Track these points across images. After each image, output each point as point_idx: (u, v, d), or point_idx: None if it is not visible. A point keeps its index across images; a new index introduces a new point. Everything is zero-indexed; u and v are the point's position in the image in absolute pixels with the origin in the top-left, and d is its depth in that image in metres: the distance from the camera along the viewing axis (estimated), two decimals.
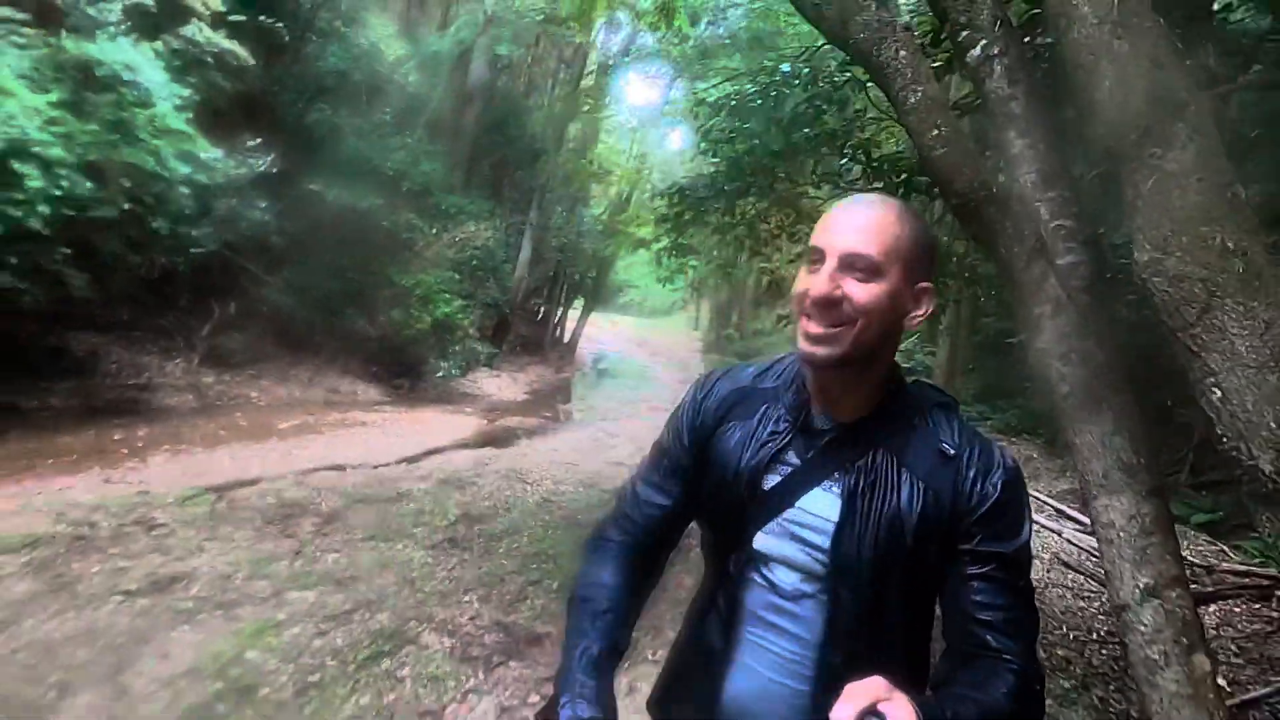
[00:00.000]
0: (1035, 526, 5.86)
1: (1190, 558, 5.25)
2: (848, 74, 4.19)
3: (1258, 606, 4.74)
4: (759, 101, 4.14)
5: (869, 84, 3.97)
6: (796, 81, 3.60)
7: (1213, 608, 4.74)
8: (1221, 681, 3.85)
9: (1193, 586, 4.38)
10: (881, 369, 1.10)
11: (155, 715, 2.80)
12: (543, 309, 20.26)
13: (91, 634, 3.29)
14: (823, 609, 1.08)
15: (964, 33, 2.72)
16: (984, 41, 2.68)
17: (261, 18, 10.32)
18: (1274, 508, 2.06)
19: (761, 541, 1.12)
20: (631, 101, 23.51)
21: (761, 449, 1.13)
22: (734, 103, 4.53)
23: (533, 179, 17.00)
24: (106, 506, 4.78)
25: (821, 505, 1.08)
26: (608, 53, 18.85)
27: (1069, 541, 6.03)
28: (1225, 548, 5.98)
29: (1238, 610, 4.70)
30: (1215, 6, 3.77)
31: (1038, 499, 7.12)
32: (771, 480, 1.12)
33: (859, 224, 1.02)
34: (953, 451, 1.05)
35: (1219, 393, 2.07)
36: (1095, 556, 5.38)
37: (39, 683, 2.88)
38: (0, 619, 3.28)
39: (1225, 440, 2.09)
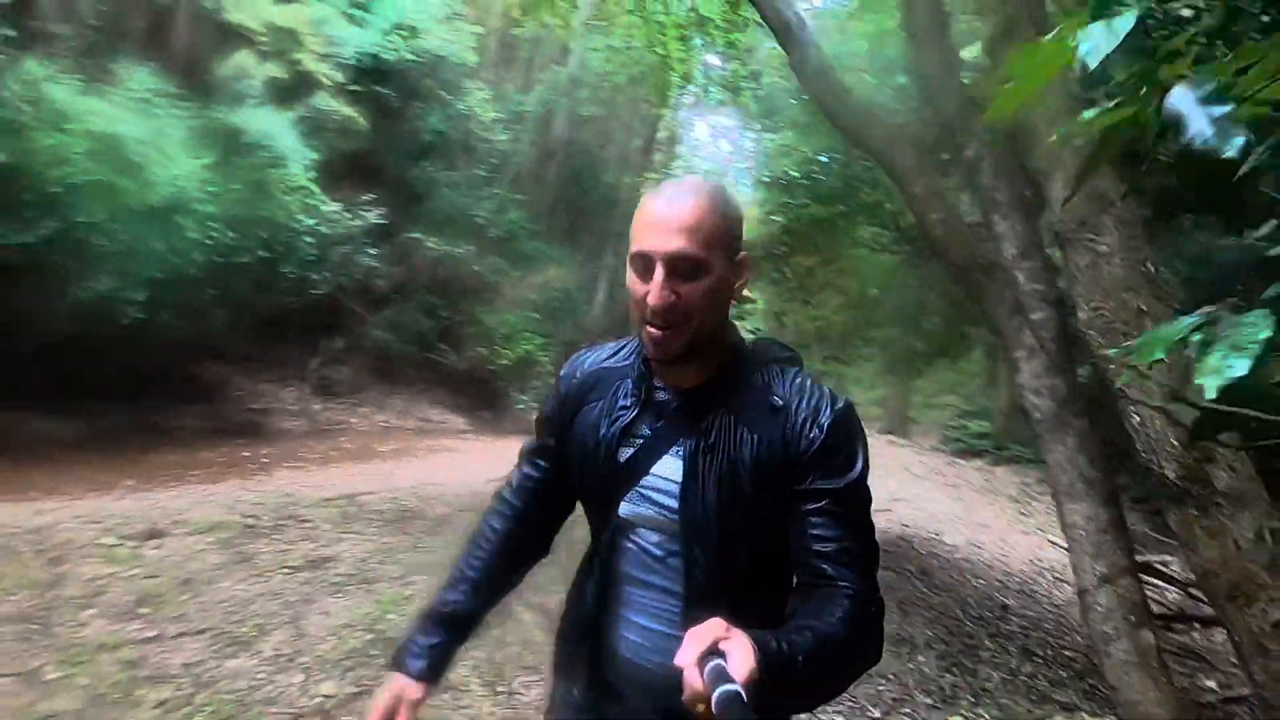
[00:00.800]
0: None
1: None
2: None
3: None
4: (805, 181, 4.95)
5: None
6: (834, 167, 4.38)
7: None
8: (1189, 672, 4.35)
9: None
10: (719, 339, 1.17)
11: (328, 652, 3.68)
12: None
13: (271, 595, 4.22)
14: (681, 563, 1.15)
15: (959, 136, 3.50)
16: (976, 144, 3.45)
17: (375, 86, 11.69)
18: (1180, 507, 2.73)
19: (625, 509, 1.20)
20: (704, 152, 24.47)
21: (614, 424, 1.21)
22: (784, 181, 5.37)
23: (609, 226, 18.09)
24: (264, 503, 5.79)
25: (670, 469, 1.16)
26: (680, 108, 19.97)
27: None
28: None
29: None
30: None
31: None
32: (626, 452, 1.20)
33: (679, 224, 1.05)
34: (781, 402, 1.12)
35: (1137, 418, 2.76)
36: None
37: (243, 623, 3.81)
38: (205, 579, 4.24)
39: (1143, 454, 2.77)
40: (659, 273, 1.05)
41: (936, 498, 8.93)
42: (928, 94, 4.02)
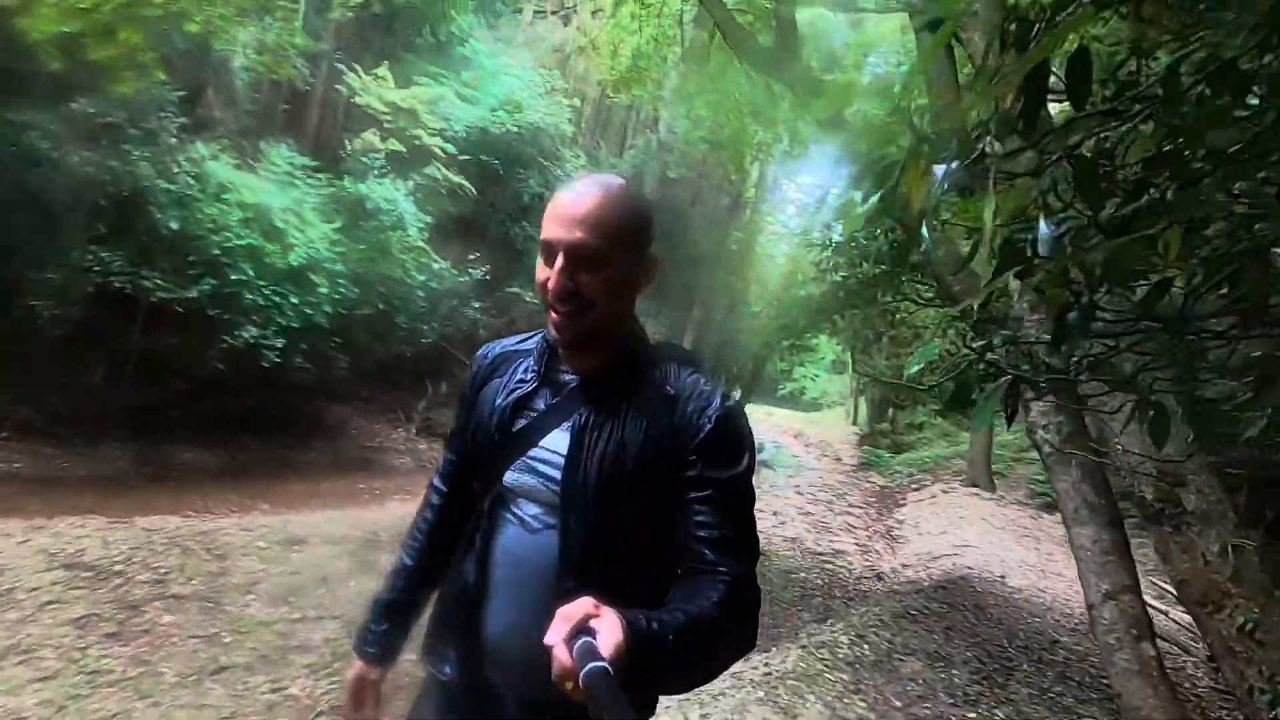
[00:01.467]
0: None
1: None
2: None
3: None
4: (857, 243, 5.50)
5: None
6: (880, 232, 4.92)
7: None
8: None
9: None
10: (620, 330, 1.21)
11: None
12: None
13: None
14: (557, 535, 1.17)
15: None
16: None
17: (482, 156, 12.91)
18: (1157, 525, 3.15)
19: (510, 478, 1.23)
20: (790, 209, 25.13)
21: (510, 395, 1.26)
22: (837, 243, 5.93)
23: (695, 280, 18.87)
24: (380, 524, 6.65)
25: (558, 442, 1.19)
26: (772, 162, 20.73)
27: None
28: None
29: None
30: None
31: None
32: (520, 423, 1.24)
33: (582, 216, 1.10)
34: (673, 392, 1.16)
35: (1120, 446, 3.21)
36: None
37: None
38: (338, 578, 5.06)
39: (1124, 477, 3.21)
40: (559, 261, 1.10)
41: (1010, 546, 9.06)
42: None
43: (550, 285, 1.12)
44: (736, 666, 4.64)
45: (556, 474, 1.17)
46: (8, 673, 3.24)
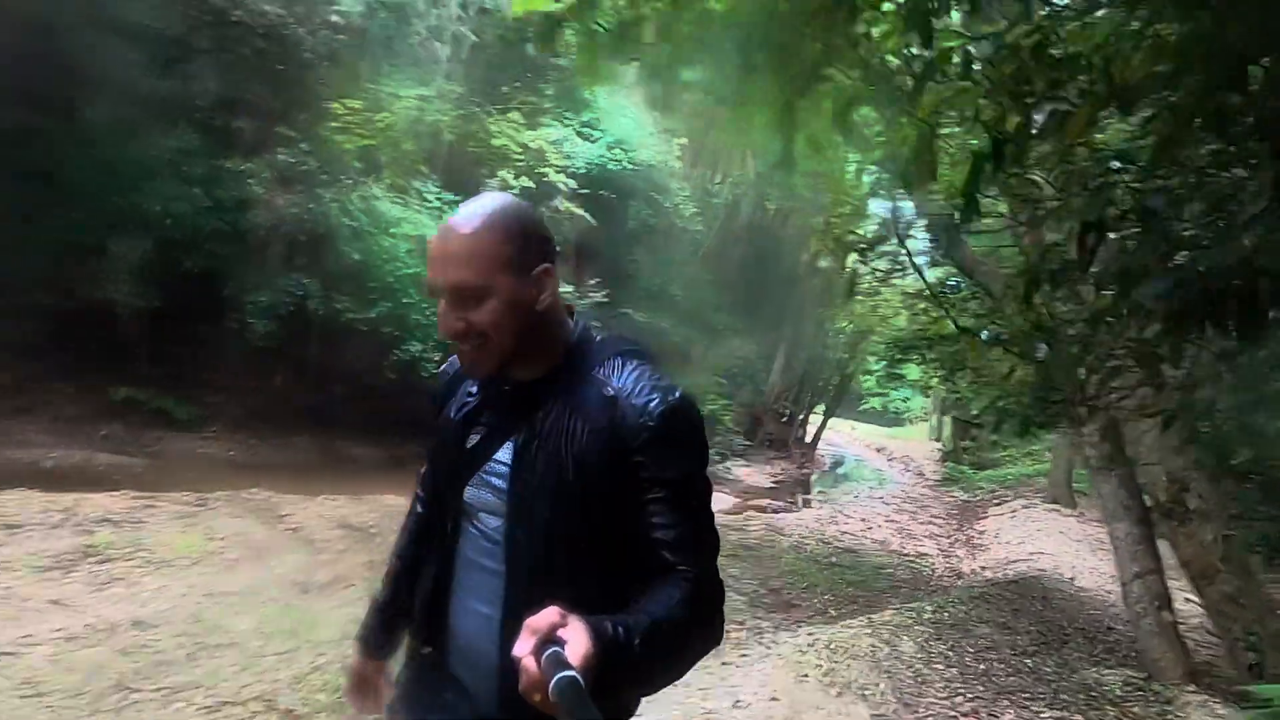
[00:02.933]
0: None
1: None
2: None
3: None
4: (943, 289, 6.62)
5: None
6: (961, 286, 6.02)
7: None
8: None
9: None
10: (543, 344, 1.19)
11: None
12: (789, 412, 22.80)
13: None
14: (505, 544, 1.17)
15: None
16: None
17: (599, 190, 14.42)
18: (1168, 520, 4.24)
19: (469, 494, 1.23)
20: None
21: (461, 411, 1.27)
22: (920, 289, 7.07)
23: (788, 300, 19.98)
24: None
25: (506, 453, 1.19)
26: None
27: None
28: None
29: None
30: None
31: None
32: (473, 439, 1.24)
33: (453, 255, 1.10)
34: (613, 393, 1.13)
35: (1142, 451, 4.31)
36: None
37: None
38: None
39: (1144, 486, 4.31)
40: (442, 304, 1.11)
41: (1084, 556, 9.88)
42: None
43: (439, 328, 1.14)
44: (847, 614, 5.85)
45: (503, 484, 1.18)
46: (337, 596, 4.72)
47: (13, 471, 6.95)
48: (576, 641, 0.80)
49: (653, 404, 1.10)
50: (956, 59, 2.24)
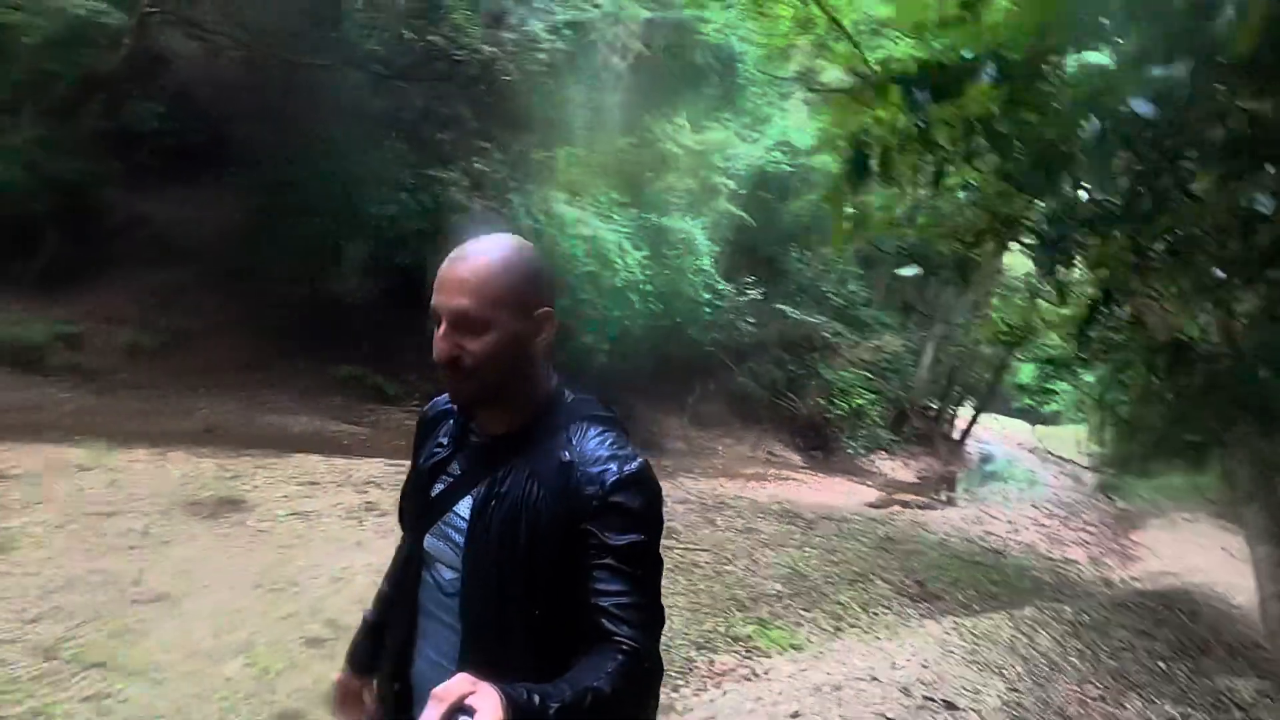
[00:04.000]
0: None
1: None
2: None
3: None
4: None
5: None
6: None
7: None
8: None
9: None
10: (525, 390, 1.23)
11: (741, 576, 6.54)
12: (937, 407, 22.62)
13: (717, 545, 7.22)
14: (460, 602, 1.20)
15: None
16: None
17: (759, 191, 15.08)
18: None
19: (429, 542, 1.27)
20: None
21: (431, 459, 1.31)
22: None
23: (938, 298, 19.89)
24: (688, 488, 9.00)
25: (465, 507, 1.21)
26: None
27: None
28: None
29: None
30: None
31: None
32: (438, 488, 1.28)
33: (462, 282, 1.12)
34: (569, 457, 1.15)
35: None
36: None
37: (686, 556, 6.83)
38: (693, 526, 7.39)
39: None
40: (443, 326, 1.13)
41: (1245, 575, 9.74)
42: None
43: (435, 352, 1.14)
44: (989, 609, 6.37)
45: (460, 539, 1.20)
46: None
47: (270, 434, 8.59)
48: (487, 709, 0.78)
49: (607, 473, 1.12)
50: None
